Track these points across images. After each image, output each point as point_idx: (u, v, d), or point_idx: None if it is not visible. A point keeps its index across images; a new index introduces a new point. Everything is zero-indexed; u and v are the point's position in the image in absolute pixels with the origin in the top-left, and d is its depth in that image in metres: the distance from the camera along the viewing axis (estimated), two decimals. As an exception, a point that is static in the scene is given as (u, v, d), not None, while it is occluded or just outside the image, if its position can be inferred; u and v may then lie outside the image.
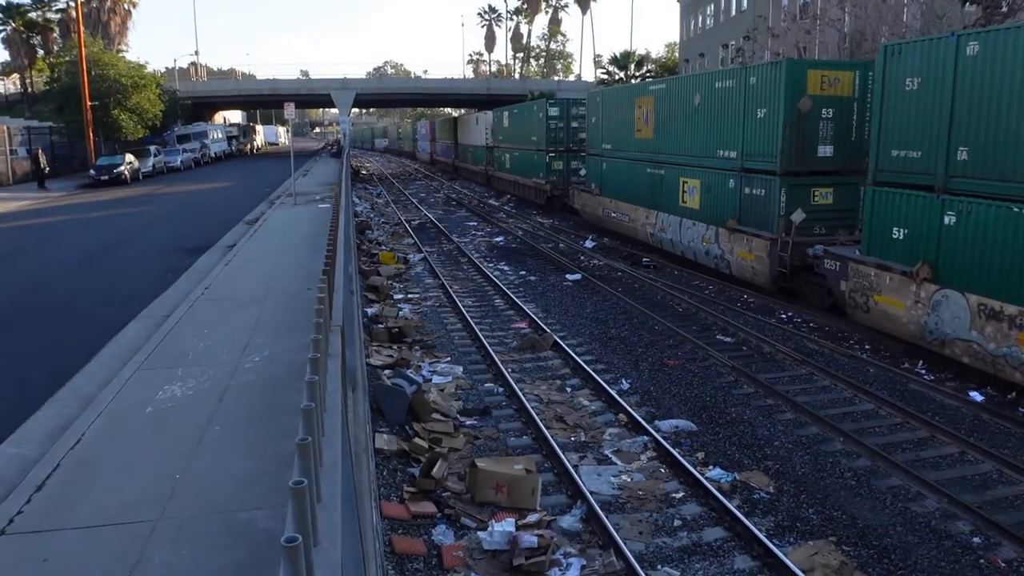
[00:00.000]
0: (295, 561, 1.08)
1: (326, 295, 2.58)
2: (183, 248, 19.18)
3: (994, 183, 10.86)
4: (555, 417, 10.53)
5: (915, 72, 12.22)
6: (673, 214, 20.29)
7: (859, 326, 13.80)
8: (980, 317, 11.03)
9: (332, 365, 2.27)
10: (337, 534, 1.30)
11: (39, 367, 10.11)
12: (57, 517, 5.13)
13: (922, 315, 12.09)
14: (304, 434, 1.33)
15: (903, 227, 12.54)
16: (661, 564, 7.20)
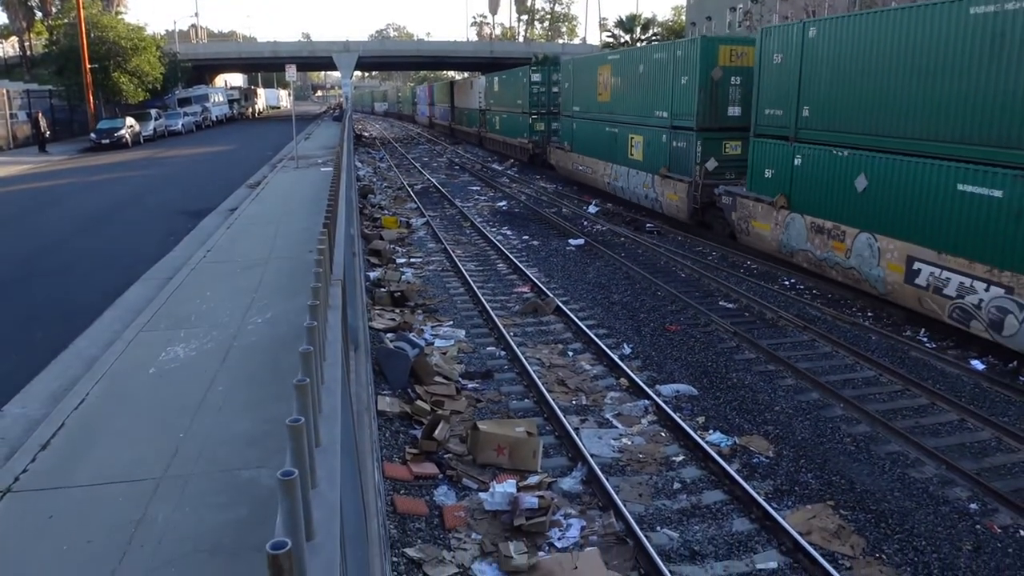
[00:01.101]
0: (292, 496, 1.08)
1: (326, 247, 2.56)
2: (185, 212, 19.14)
3: (824, 133, 14.49)
4: (557, 381, 10.57)
5: (779, 49, 15.66)
6: (624, 165, 23.82)
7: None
8: (811, 232, 14.96)
9: (332, 316, 2.26)
10: (336, 478, 1.30)
11: (43, 329, 10.15)
12: (62, 475, 5.17)
13: (780, 234, 15.89)
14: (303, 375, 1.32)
15: (771, 168, 16.16)
16: (660, 526, 7.27)
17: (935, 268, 11.80)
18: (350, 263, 6.61)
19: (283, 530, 0.99)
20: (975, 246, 11.08)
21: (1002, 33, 10.47)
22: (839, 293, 14.52)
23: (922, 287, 12.11)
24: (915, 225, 12.18)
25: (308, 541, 1.14)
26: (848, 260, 13.83)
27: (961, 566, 6.68)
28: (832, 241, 14.19)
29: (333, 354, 1.89)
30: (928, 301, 12.09)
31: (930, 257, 11.89)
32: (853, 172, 13.59)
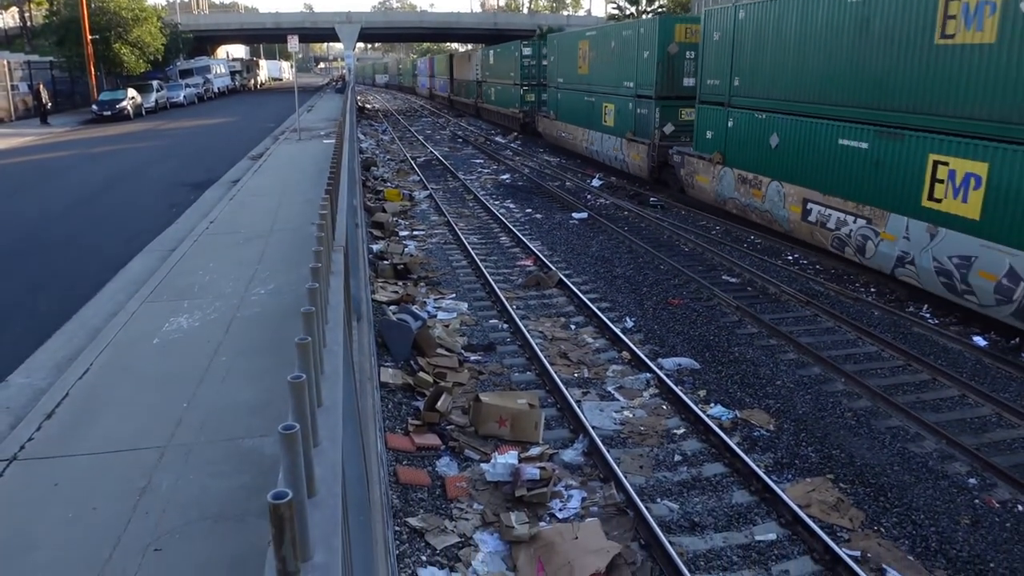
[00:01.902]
0: (293, 450, 1.08)
1: (328, 212, 2.55)
2: (187, 183, 19.09)
3: (749, 99, 17.14)
4: (559, 354, 10.60)
5: (718, 28, 18.28)
6: (599, 131, 26.44)
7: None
8: (738, 183, 17.61)
9: (335, 282, 2.26)
10: (338, 437, 1.31)
11: (46, 300, 10.17)
12: (67, 444, 5.21)
13: (716, 186, 18.69)
14: (305, 334, 1.32)
15: (711, 130, 18.92)
16: (661, 497, 7.32)
17: (821, 207, 14.62)
18: (352, 233, 6.60)
19: (284, 485, 0.99)
20: (848, 187, 13.83)
21: (867, 18, 12.93)
22: (842, 268, 14.49)
23: (813, 223, 14.92)
24: (809, 173, 14.94)
25: (310, 498, 1.15)
26: (763, 204, 16.73)
27: (959, 540, 6.73)
28: (753, 189, 17.07)
29: (335, 318, 1.88)
30: (817, 234, 14.83)
31: (818, 198, 14.70)
32: (769, 132, 16.32)
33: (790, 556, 6.55)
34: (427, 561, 6.26)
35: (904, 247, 12.46)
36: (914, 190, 12.23)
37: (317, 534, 1.08)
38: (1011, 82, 10.38)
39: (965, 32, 11.09)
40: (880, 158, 12.93)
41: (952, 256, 11.50)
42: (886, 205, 12.82)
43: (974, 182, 11.08)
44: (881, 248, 13.03)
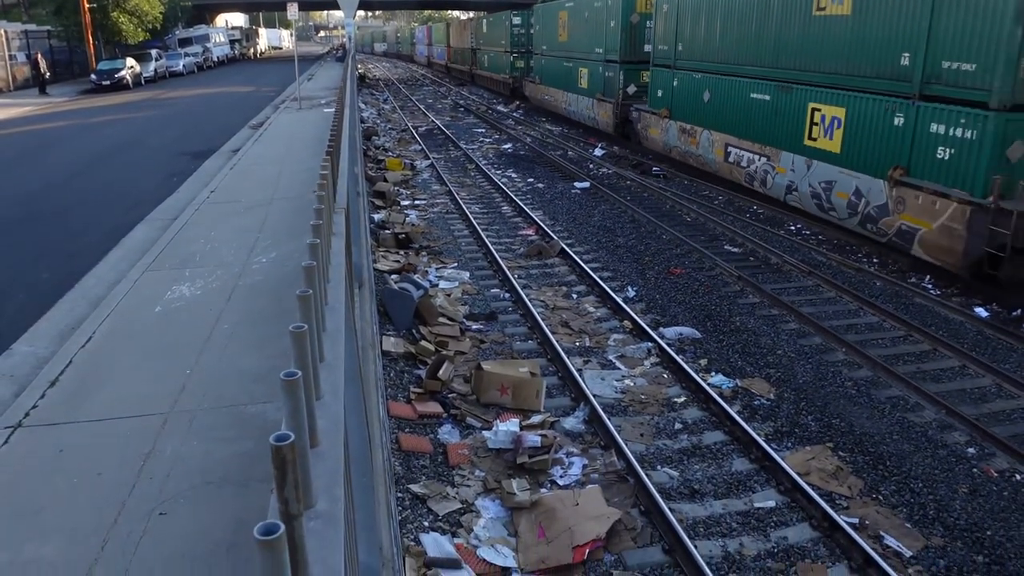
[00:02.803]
0: (295, 396, 1.09)
1: (329, 171, 2.53)
2: (188, 153, 19.00)
3: (689, 62, 20.14)
4: (560, 323, 10.62)
5: (667, 1, 21.00)
6: (575, 93, 29.43)
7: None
8: (680, 133, 20.63)
9: (336, 243, 2.25)
10: (340, 391, 1.31)
11: (48, 269, 10.18)
12: (71, 411, 5.23)
13: (664, 137, 21.73)
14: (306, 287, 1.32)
15: (661, 89, 21.89)
16: (661, 465, 7.38)
17: (738, 149, 17.65)
18: (354, 200, 6.58)
19: (287, 431, 0.99)
20: (755, 132, 16.86)
21: None
22: (844, 239, 14.46)
23: (731, 163, 17.94)
24: (729, 122, 17.98)
25: (313, 448, 1.16)
26: (698, 150, 19.78)
27: (956, 508, 6.78)
28: (690, 138, 20.10)
29: (337, 278, 1.88)
30: (734, 172, 17.85)
31: (735, 142, 17.70)
32: (702, 89, 19.38)
33: (789, 523, 6.61)
34: (429, 527, 6.33)
35: (791, 178, 15.54)
36: (799, 132, 15.26)
37: (320, 484, 1.09)
38: (859, 45, 13.33)
39: (832, 5, 14.00)
40: (777, 108, 16.02)
41: (821, 182, 14.59)
42: (780, 145, 15.94)
43: (837, 123, 14.14)
44: (776, 180, 16.08)
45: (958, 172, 11.45)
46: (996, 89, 10.75)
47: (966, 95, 11.31)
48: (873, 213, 13.09)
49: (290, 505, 0.86)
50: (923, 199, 11.95)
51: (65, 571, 3.54)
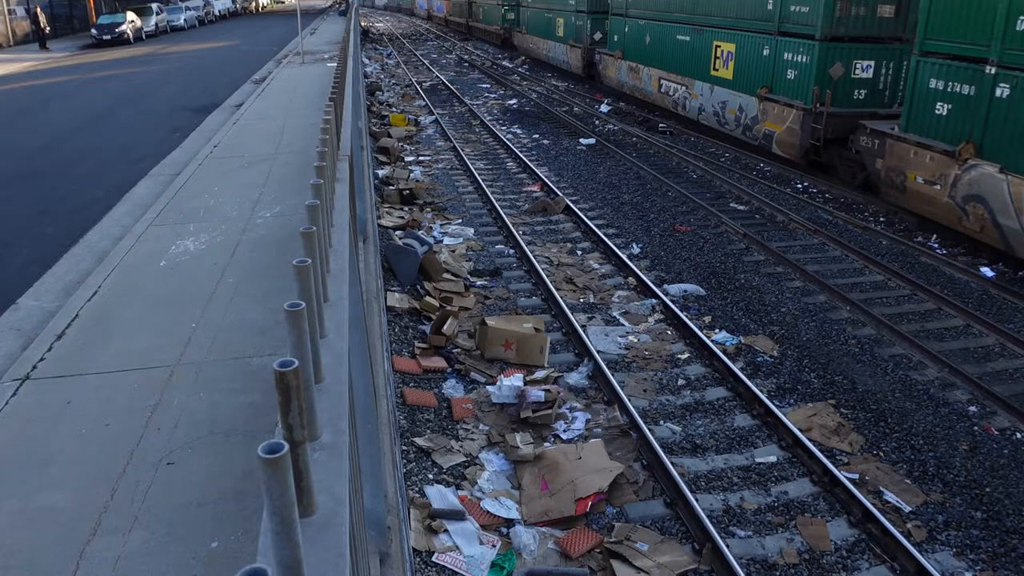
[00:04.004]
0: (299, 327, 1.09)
1: (332, 118, 2.49)
2: (190, 108, 18.85)
3: (635, 11, 23.67)
4: (565, 279, 10.61)
5: None
6: (554, 40, 32.84)
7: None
8: (629, 71, 24.33)
9: (340, 188, 2.22)
10: (344, 331, 1.31)
11: (53, 224, 10.17)
12: (78, 363, 5.26)
13: (617, 75, 25.26)
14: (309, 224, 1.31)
15: (617, 35, 25.28)
16: (663, 420, 7.43)
17: (667, 81, 21.65)
18: (358, 154, 6.53)
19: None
20: (679, 67, 20.80)
21: None
22: (851, 197, 14.35)
23: (663, 93, 21.97)
24: (662, 60, 21.86)
25: (317, 383, 1.16)
26: (641, 84, 23.52)
27: (956, 465, 6.83)
28: (636, 75, 23.87)
29: (340, 223, 1.86)
30: (665, 100, 21.83)
31: (666, 76, 21.68)
32: (645, 34, 23.03)
33: (789, 478, 6.68)
34: (434, 479, 6.40)
35: (700, 101, 19.59)
36: (706, 65, 19.26)
37: (324, 417, 1.10)
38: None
39: (726, -36, 18.10)
40: (693, 47, 19.87)
41: (719, 102, 18.59)
42: (694, 75, 19.94)
43: (730, 56, 18.05)
44: (691, 103, 20.21)
45: (798, 88, 15.49)
46: (819, 25, 14.70)
47: (803, 30, 15.27)
48: (749, 123, 17.15)
49: (294, 431, 0.86)
50: (777, 109, 16.06)
51: (76, 519, 3.59)
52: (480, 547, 5.71)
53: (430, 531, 5.76)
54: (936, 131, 12.09)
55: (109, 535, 3.42)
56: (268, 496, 0.73)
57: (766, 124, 16.35)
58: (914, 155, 12.28)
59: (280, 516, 0.72)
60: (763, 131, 16.47)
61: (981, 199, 11.01)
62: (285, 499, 0.73)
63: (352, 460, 1.13)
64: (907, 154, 12.44)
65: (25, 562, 3.30)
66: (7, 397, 4.76)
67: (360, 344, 2.15)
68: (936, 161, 11.82)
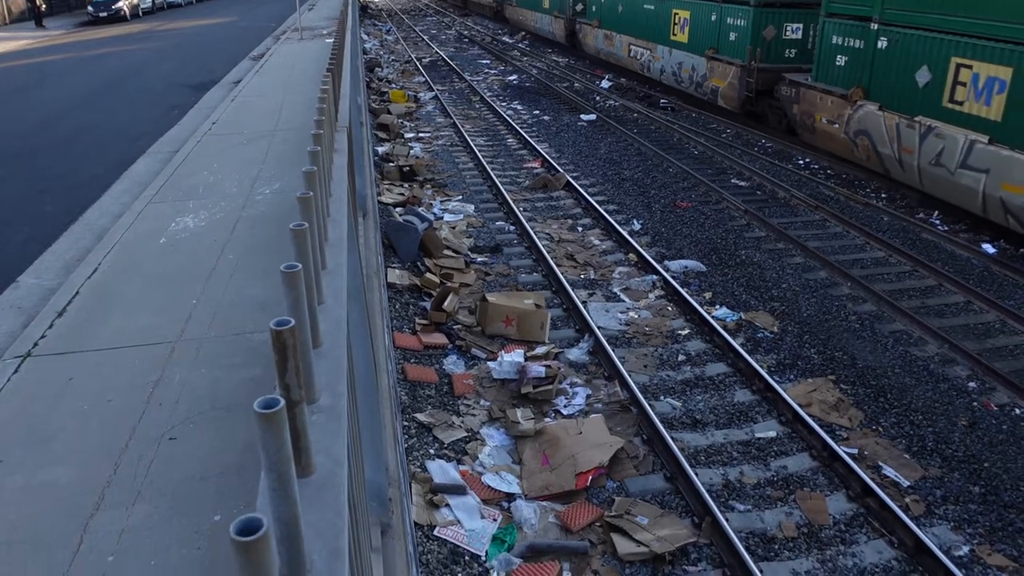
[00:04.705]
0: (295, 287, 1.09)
1: (330, 87, 2.47)
2: (188, 84, 18.72)
3: None
4: (565, 255, 10.60)
5: None
6: (540, 12, 34.52)
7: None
8: (605, 39, 26.12)
9: (338, 159, 2.20)
10: (342, 297, 1.31)
11: (52, 202, 10.15)
12: (79, 340, 5.26)
13: (595, 43, 27.41)
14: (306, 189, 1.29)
15: (594, 5, 27.59)
16: (664, 395, 7.45)
17: (635, 46, 23.45)
18: (357, 130, 6.49)
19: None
20: (646, 33, 22.60)
21: None
22: (853, 173, 14.29)
23: (632, 57, 23.73)
24: (633, 28, 23.68)
25: (315, 348, 1.16)
26: (614, 50, 25.40)
27: (955, 440, 6.86)
28: (610, 42, 25.68)
29: (339, 192, 1.85)
30: (634, 64, 23.71)
31: (634, 42, 23.45)
32: (618, 3, 24.77)
33: (789, 453, 6.71)
34: (435, 454, 6.43)
35: (662, 63, 21.73)
36: (667, 30, 21.14)
37: (323, 381, 1.10)
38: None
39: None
40: (658, 14, 21.66)
41: (677, 63, 20.79)
42: (657, 41, 21.88)
43: (685, 22, 20.14)
44: (654, 65, 22.27)
45: (737, 48, 17.45)
46: (753, -9, 16.96)
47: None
48: (699, 80, 19.51)
49: (291, 391, 0.86)
50: (721, 67, 18.18)
51: (79, 493, 3.60)
52: (481, 521, 5.75)
53: (431, 505, 5.79)
54: (836, 79, 14.40)
55: (112, 509, 3.44)
56: (264, 452, 0.73)
57: (713, 80, 18.67)
58: (820, 100, 14.61)
59: (277, 472, 0.72)
60: (711, 87, 18.84)
61: (866, 133, 13.33)
62: (282, 454, 0.73)
63: (352, 426, 1.13)
64: (815, 99, 14.76)
65: (29, 537, 3.33)
66: (9, 374, 4.76)
67: (360, 316, 2.14)
68: (835, 104, 14.10)
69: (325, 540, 0.82)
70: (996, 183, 10.58)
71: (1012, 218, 10.48)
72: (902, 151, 12.35)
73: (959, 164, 11.20)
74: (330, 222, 1.58)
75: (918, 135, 11.95)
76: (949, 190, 11.50)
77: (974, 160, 10.96)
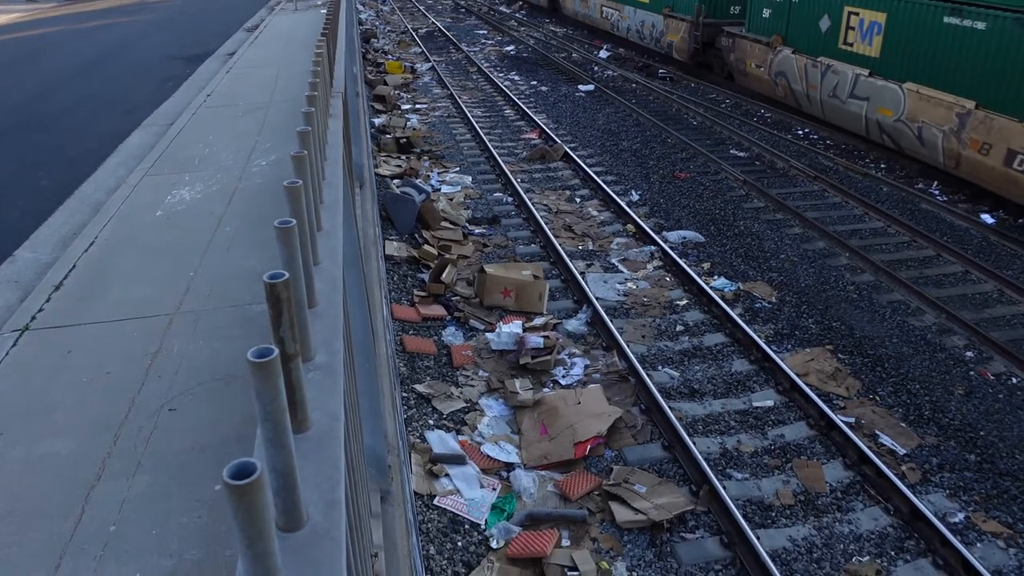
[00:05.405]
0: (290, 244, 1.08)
1: (324, 51, 2.43)
2: (182, 57, 18.51)
3: None
4: (563, 226, 10.57)
5: None
6: None
7: None
8: (580, 2, 28.23)
9: (333, 124, 2.18)
10: (338, 257, 1.30)
11: (47, 176, 10.07)
12: (77, 313, 5.24)
13: (572, 6, 29.37)
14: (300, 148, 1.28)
15: None
16: (662, 365, 7.47)
17: (607, 8, 25.29)
18: (353, 100, 6.43)
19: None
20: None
21: None
22: (852, 143, 14.22)
23: (604, 18, 25.53)
24: None
25: (311, 308, 1.16)
26: (589, 12, 27.25)
27: (952, 409, 6.90)
28: (586, 4, 27.49)
29: (334, 156, 1.83)
30: (605, 24, 25.65)
31: (606, 4, 25.24)
32: None
33: (786, 422, 6.75)
34: (434, 425, 6.46)
35: (628, 23, 23.53)
36: None
37: (319, 340, 1.09)
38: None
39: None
40: None
41: (639, 22, 22.63)
42: (624, 2, 23.74)
43: None
44: (622, 24, 24.16)
45: (687, 6, 19.37)
46: (701, -48, 18.88)
47: (691, -42, 19.52)
48: (658, 36, 21.46)
49: (286, 344, 0.86)
50: (675, 23, 20.17)
51: (80, 465, 3.62)
52: (481, 490, 5.79)
53: (431, 475, 5.83)
54: (762, 29, 16.47)
55: (113, 480, 3.46)
56: (260, 401, 0.73)
57: (668, 35, 20.86)
58: (750, 48, 16.78)
59: (272, 422, 0.72)
60: (667, 41, 20.99)
61: (784, 73, 15.65)
62: (276, 404, 0.73)
63: (349, 387, 1.13)
64: (747, 47, 16.93)
65: (31, 507, 3.34)
66: (7, 348, 4.76)
67: (357, 282, 2.13)
68: (761, 50, 16.31)
69: (322, 492, 0.82)
70: (874, 108, 12.99)
71: (886, 137, 12.87)
72: (809, 87, 14.75)
73: (848, 94, 13.62)
74: (325, 185, 1.57)
75: (820, 73, 14.39)
76: (843, 117, 13.90)
77: (859, 90, 13.39)
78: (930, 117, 11.67)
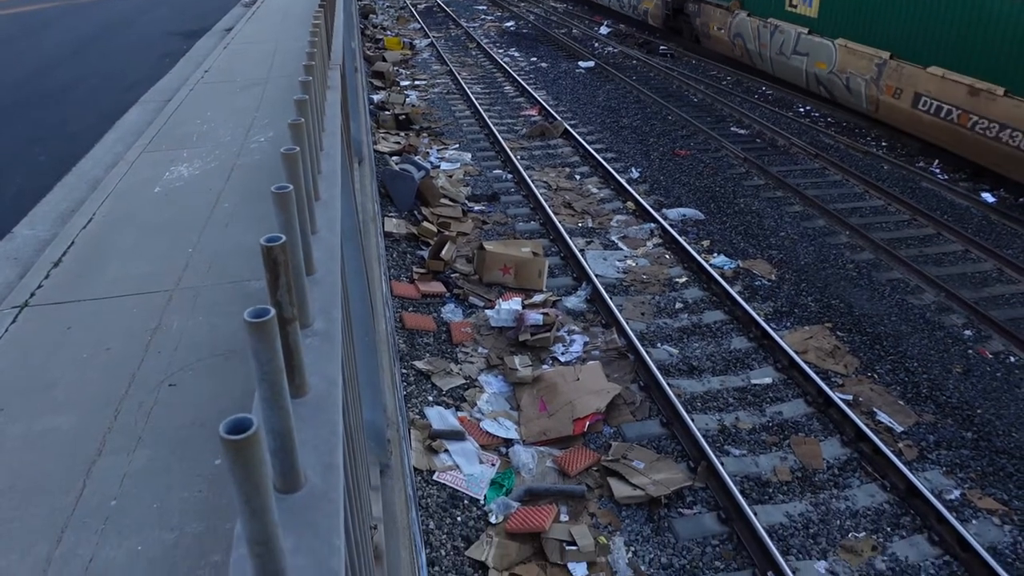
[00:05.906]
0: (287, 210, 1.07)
1: (322, 22, 2.41)
2: (179, 32, 18.35)
3: None
4: (563, 204, 10.55)
5: None
6: None
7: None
8: None
9: (331, 95, 2.16)
10: (336, 226, 1.29)
11: (44, 152, 10.02)
12: (76, 290, 5.23)
13: None
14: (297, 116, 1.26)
15: None
16: (661, 342, 7.49)
17: None
18: (351, 76, 6.39)
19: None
20: None
21: None
22: (854, 121, 14.16)
23: None
24: None
25: (309, 275, 1.15)
26: None
27: (949, 387, 6.92)
28: None
29: (332, 128, 1.81)
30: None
31: None
32: None
33: (784, 399, 6.78)
34: (434, 401, 6.49)
35: None
36: None
37: (316, 307, 1.09)
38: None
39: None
40: None
41: None
42: None
43: None
44: None
45: None
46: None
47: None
48: (635, 4, 22.65)
49: (283, 308, 0.86)
50: None
51: (81, 440, 3.63)
52: (480, 466, 5.83)
53: (431, 451, 5.86)
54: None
55: (114, 455, 3.47)
56: (256, 362, 0.73)
57: (644, 4, 22.25)
58: (713, 12, 18.28)
59: (269, 382, 0.72)
60: (643, 9, 22.36)
61: (740, 35, 17.12)
62: (273, 365, 0.73)
63: (348, 356, 1.13)
64: (710, 12, 18.42)
65: (32, 483, 3.36)
66: (7, 324, 4.76)
67: (355, 255, 2.12)
68: (722, 15, 17.80)
69: (320, 455, 0.82)
70: (812, 62, 14.64)
71: (822, 87, 14.55)
72: (761, 46, 16.33)
73: (792, 51, 15.28)
74: (323, 155, 1.56)
75: (769, 32, 15.90)
76: (788, 71, 15.54)
77: (800, 47, 15.02)
78: (855, 68, 13.38)
